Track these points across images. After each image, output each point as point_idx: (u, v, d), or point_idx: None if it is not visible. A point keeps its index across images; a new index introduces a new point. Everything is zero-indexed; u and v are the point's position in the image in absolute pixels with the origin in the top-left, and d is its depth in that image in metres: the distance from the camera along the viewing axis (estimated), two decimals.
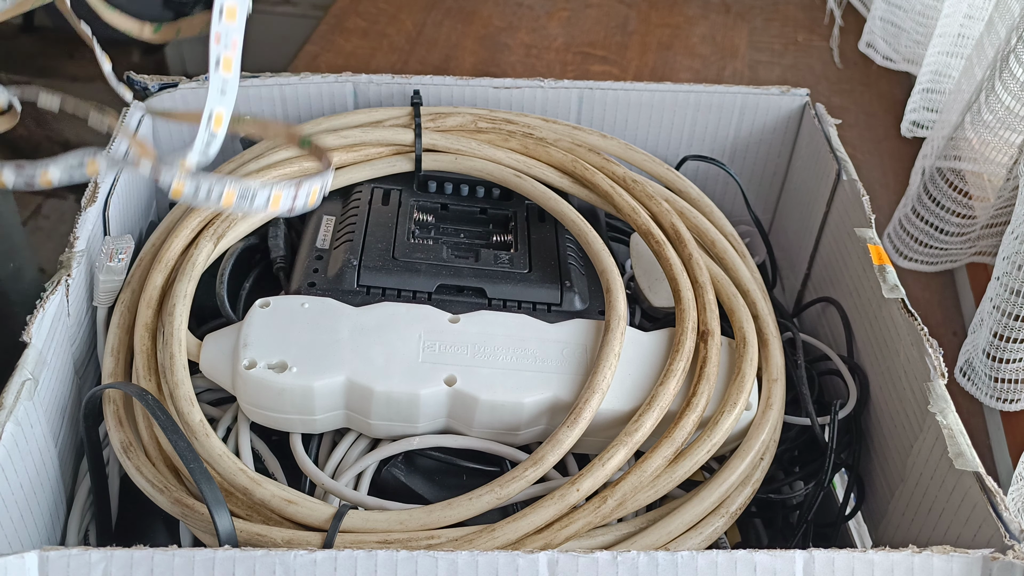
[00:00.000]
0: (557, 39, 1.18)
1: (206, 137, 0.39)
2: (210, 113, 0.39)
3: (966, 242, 0.83)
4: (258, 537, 0.42)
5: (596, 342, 0.51)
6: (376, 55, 1.13)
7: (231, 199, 0.40)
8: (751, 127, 0.69)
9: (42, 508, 0.46)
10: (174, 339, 0.48)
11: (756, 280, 0.57)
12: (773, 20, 1.25)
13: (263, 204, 0.41)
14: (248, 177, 0.56)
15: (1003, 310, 0.67)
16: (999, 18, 0.79)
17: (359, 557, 0.36)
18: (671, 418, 0.48)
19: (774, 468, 0.52)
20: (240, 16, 0.40)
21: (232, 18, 0.40)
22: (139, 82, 0.64)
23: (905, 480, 0.48)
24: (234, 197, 0.40)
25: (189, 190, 0.40)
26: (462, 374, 0.48)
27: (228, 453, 0.45)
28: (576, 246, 0.59)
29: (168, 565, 0.36)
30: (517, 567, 0.36)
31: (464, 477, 0.50)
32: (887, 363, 0.52)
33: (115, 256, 0.53)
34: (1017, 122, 0.74)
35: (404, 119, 0.62)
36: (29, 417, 0.44)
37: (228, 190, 0.40)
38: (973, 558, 0.38)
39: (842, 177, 0.60)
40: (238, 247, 0.57)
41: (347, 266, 0.53)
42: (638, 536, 0.45)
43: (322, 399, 0.47)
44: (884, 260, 0.54)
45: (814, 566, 0.37)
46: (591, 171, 0.59)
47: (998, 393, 0.70)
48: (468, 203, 0.61)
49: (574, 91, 0.67)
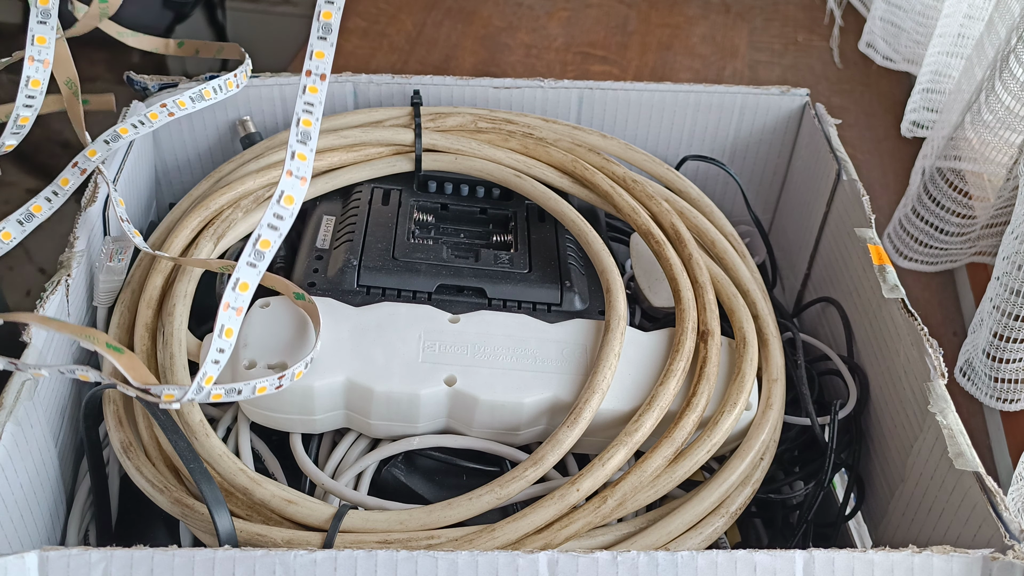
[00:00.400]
0: (557, 39, 1.18)
1: (195, 390, 0.43)
2: (203, 375, 0.42)
3: (966, 242, 0.83)
4: (258, 537, 0.42)
5: (596, 342, 0.51)
6: (376, 55, 1.13)
7: (219, 397, 0.43)
8: (751, 127, 0.69)
9: (42, 508, 0.46)
10: (174, 339, 0.48)
11: (756, 280, 0.57)
12: (773, 20, 1.25)
13: (250, 394, 0.44)
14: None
15: (1003, 310, 0.67)
16: (999, 18, 0.79)
17: (359, 557, 0.36)
18: (671, 418, 0.48)
19: (774, 468, 0.52)
20: (252, 288, 0.44)
21: (245, 289, 0.45)
22: (139, 82, 0.64)
23: (905, 480, 0.48)
24: (222, 396, 0.43)
25: (179, 397, 0.43)
26: (462, 374, 0.48)
27: (228, 453, 0.45)
28: (576, 246, 0.59)
29: (168, 565, 0.36)
30: (517, 567, 0.36)
31: (464, 477, 0.50)
32: (887, 363, 0.52)
33: (115, 256, 0.53)
34: (1017, 122, 0.74)
35: (404, 119, 0.62)
36: (29, 417, 0.44)
37: (215, 393, 0.43)
38: (973, 558, 0.38)
39: (842, 177, 0.60)
40: (238, 247, 0.57)
41: (347, 266, 0.53)
42: (638, 536, 0.45)
43: (322, 399, 0.47)
44: (884, 260, 0.54)
45: (814, 566, 0.37)
46: (591, 171, 0.59)
47: (998, 393, 0.70)
48: (468, 203, 0.61)
49: (574, 91, 0.67)
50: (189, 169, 0.68)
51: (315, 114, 0.45)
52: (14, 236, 0.50)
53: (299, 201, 0.45)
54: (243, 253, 0.44)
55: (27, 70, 0.52)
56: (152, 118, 0.55)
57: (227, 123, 0.66)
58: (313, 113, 0.45)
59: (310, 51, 0.44)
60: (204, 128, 0.66)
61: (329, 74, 0.45)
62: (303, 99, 0.45)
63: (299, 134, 0.44)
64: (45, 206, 0.51)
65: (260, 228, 0.45)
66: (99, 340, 0.42)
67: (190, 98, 0.56)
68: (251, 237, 0.45)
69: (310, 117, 0.45)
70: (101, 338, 0.42)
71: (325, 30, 0.44)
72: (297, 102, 0.45)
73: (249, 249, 0.44)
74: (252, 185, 0.56)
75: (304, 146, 0.45)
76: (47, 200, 0.51)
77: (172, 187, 0.68)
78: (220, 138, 0.66)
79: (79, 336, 0.42)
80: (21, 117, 0.52)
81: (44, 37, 0.51)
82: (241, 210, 0.56)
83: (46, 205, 0.51)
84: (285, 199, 0.44)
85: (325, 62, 0.44)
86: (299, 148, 0.44)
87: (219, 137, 0.66)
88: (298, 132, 0.44)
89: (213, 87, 0.57)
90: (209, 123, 0.66)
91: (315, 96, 0.45)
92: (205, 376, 0.42)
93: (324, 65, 0.44)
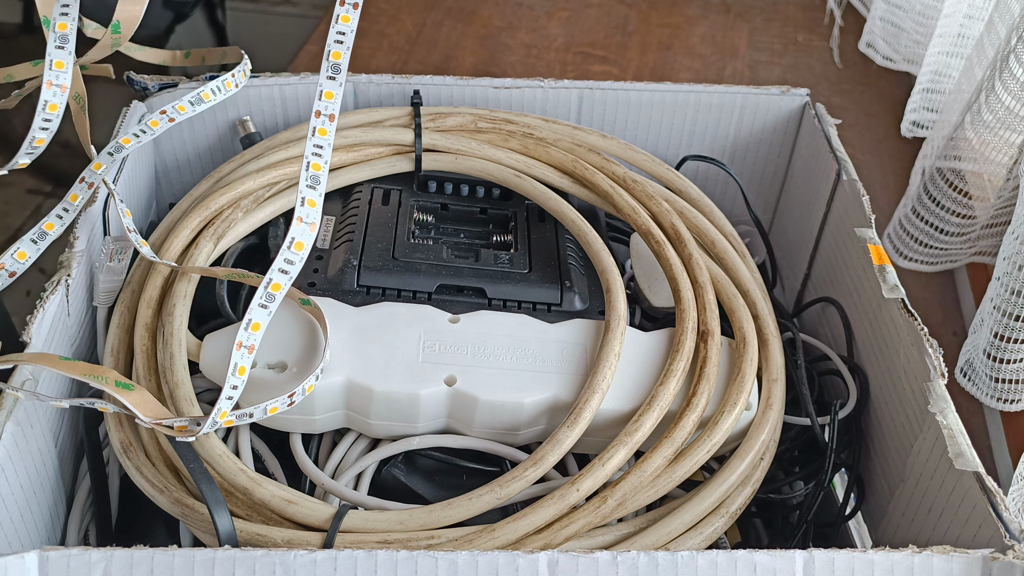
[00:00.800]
0: (557, 39, 1.18)
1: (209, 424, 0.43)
2: (218, 410, 0.43)
3: (966, 242, 0.83)
4: (258, 537, 0.42)
5: (596, 342, 0.51)
6: (376, 55, 1.13)
7: (231, 424, 0.44)
8: (751, 127, 0.69)
9: (42, 508, 0.46)
10: (174, 339, 0.48)
11: (756, 280, 0.57)
12: (773, 20, 1.25)
13: (261, 415, 0.44)
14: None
15: (1003, 310, 0.67)
16: (999, 18, 0.79)
17: (359, 557, 0.36)
18: (671, 418, 0.48)
19: (774, 468, 0.52)
20: (263, 328, 0.45)
21: (256, 328, 0.45)
22: (139, 82, 0.64)
23: (905, 480, 0.48)
24: (233, 422, 0.44)
25: (192, 427, 0.43)
26: (462, 374, 0.48)
27: (228, 453, 0.45)
28: (576, 246, 0.59)
29: (168, 565, 0.36)
30: (517, 567, 0.36)
31: (464, 477, 0.50)
32: (887, 363, 0.52)
33: (115, 256, 0.53)
34: (1017, 122, 0.74)
35: (404, 119, 0.62)
36: (29, 417, 0.44)
37: (228, 419, 0.44)
38: (973, 558, 0.38)
39: (842, 177, 0.60)
40: (238, 247, 0.57)
41: (347, 266, 0.53)
42: (638, 536, 0.45)
43: (322, 399, 0.47)
44: (884, 260, 0.54)
45: (814, 566, 0.37)
46: (591, 171, 0.59)
47: (998, 393, 0.70)
48: (468, 203, 0.61)
49: (574, 91, 0.67)
50: (189, 169, 0.68)
51: (324, 157, 0.45)
52: (29, 256, 0.51)
53: (308, 247, 0.46)
54: (255, 296, 0.45)
55: (45, 94, 0.52)
56: (153, 126, 0.56)
57: (227, 123, 0.66)
58: (322, 156, 0.45)
59: (319, 91, 0.44)
60: (204, 128, 0.66)
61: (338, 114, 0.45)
62: (313, 141, 0.45)
63: (309, 178, 0.45)
64: (57, 223, 0.52)
65: (271, 272, 0.45)
66: (108, 379, 0.43)
67: (189, 102, 0.56)
68: (263, 280, 0.45)
69: (319, 161, 0.45)
70: (110, 376, 0.43)
71: (334, 70, 0.44)
72: (307, 144, 0.45)
73: (261, 292, 0.45)
74: (252, 185, 0.56)
75: (314, 191, 0.45)
76: (58, 217, 0.52)
77: (172, 187, 0.68)
78: (220, 138, 0.66)
79: (87, 376, 0.43)
80: (37, 139, 0.52)
81: (62, 62, 0.52)
82: (241, 210, 0.56)
83: (58, 223, 0.52)
84: (295, 245, 0.45)
85: (334, 103, 0.45)
86: (308, 194, 0.45)
87: (219, 137, 0.66)
88: (308, 176, 0.45)
89: (211, 88, 0.57)
90: (209, 123, 0.66)
91: (324, 139, 0.45)
92: (220, 412, 0.43)
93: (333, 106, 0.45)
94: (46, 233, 0.51)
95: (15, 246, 0.50)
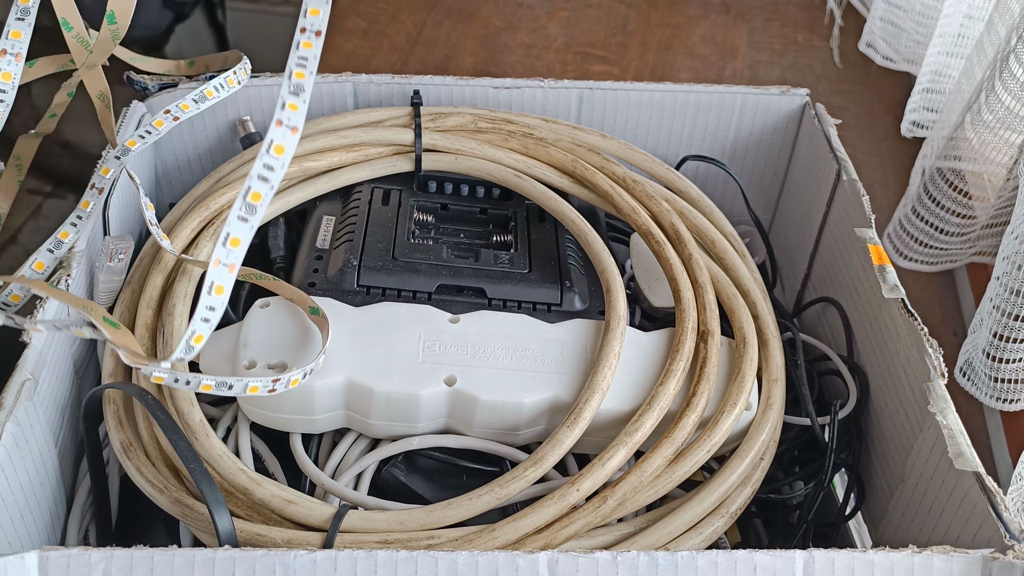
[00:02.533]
0: (557, 39, 1.18)
1: (184, 349, 0.42)
2: (192, 332, 0.41)
3: (966, 242, 0.83)
4: (258, 537, 0.42)
5: (596, 342, 0.51)
6: (376, 55, 1.13)
7: (208, 388, 0.43)
8: (751, 127, 0.69)
9: (42, 508, 0.46)
10: (174, 339, 0.48)
11: (756, 280, 0.57)
12: (773, 20, 1.25)
13: (241, 391, 0.43)
14: None
15: (1003, 310, 0.67)
16: (999, 18, 0.79)
17: (359, 557, 0.36)
18: (671, 418, 0.48)
19: (774, 468, 0.52)
20: (244, 244, 0.42)
21: (236, 244, 0.41)
22: (139, 82, 0.64)
23: (905, 480, 0.48)
24: (212, 388, 0.43)
25: (169, 380, 0.42)
26: (462, 374, 0.48)
27: (228, 453, 0.45)
28: (576, 246, 0.59)
29: (168, 565, 0.36)
30: (517, 567, 0.36)
31: (464, 477, 0.50)
32: (887, 363, 0.52)
33: (115, 256, 0.53)
34: (1017, 122, 0.74)
35: (404, 119, 0.62)
36: (29, 417, 0.44)
37: (205, 383, 0.42)
38: (973, 558, 0.38)
39: (842, 177, 0.60)
40: None
41: (347, 266, 0.53)
42: (638, 536, 0.45)
43: (322, 399, 0.47)
44: (884, 260, 0.54)
45: (814, 566, 0.37)
46: (591, 171, 0.59)
47: (998, 393, 0.70)
48: (468, 203, 0.61)
49: (574, 91, 0.67)
50: (189, 169, 0.68)
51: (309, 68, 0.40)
52: (47, 265, 0.51)
53: (290, 152, 0.42)
54: (233, 207, 0.41)
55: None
56: (158, 125, 0.56)
57: (227, 123, 0.66)
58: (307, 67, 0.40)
59: (304, 8, 0.42)
60: (204, 128, 0.66)
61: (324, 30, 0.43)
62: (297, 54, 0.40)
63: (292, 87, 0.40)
64: (71, 231, 0.52)
65: (250, 179, 0.41)
66: (96, 313, 0.42)
67: (193, 100, 0.56)
68: (242, 189, 0.41)
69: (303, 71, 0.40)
70: (99, 311, 0.42)
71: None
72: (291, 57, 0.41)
73: (239, 203, 0.41)
74: None
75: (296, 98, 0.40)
76: (72, 225, 0.53)
77: (172, 187, 0.68)
78: (220, 138, 0.67)
79: (78, 306, 0.42)
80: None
81: (19, 32, 0.51)
82: None
83: (72, 230, 0.52)
84: (275, 148, 0.41)
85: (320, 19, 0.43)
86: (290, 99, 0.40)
87: (219, 137, 0.66)
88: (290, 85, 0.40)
89: (215, 86, 0.57)
90: (209, 123, 0.66)
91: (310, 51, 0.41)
92: (194, 335, 0.41)
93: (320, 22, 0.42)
94: (61, 242, 0.52)
95: (33, 257, 0.51)
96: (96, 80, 0.55)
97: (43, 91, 0.59)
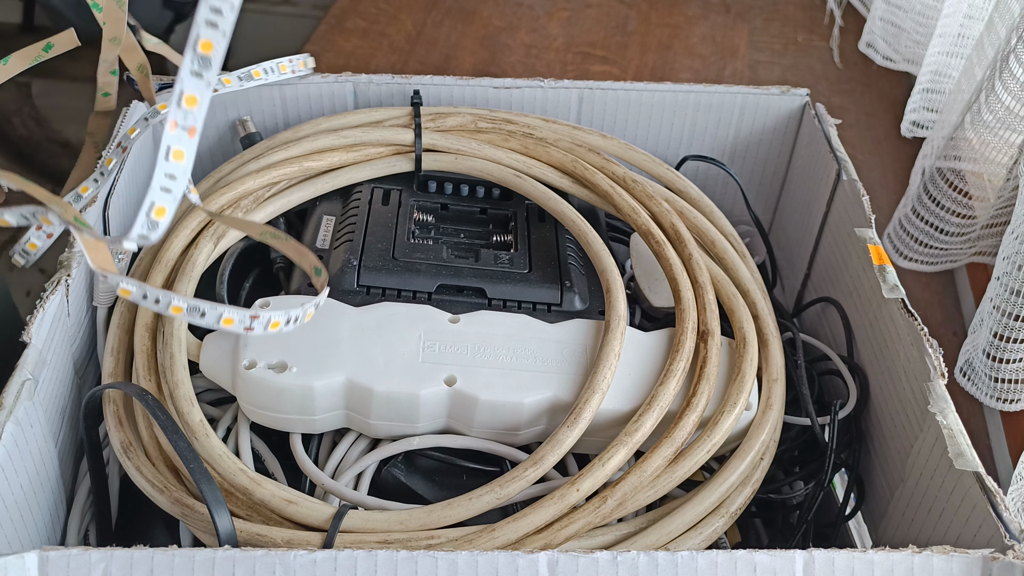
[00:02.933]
0: (557, 39, 1.18)
1: (145, 224, 0.37)
2: (150, 204, 0.37)
3: (966, 242, 0.83)
4: (258, 537, 0.42)
5: (596, 342, 0.51)
6: (376, 55, 1.13)
7: (179, 311, 0.39)
8: (751, 127, 0.69)
9: (42, 508, 0.46)
10: (174, 339, 0.48)
11: (756, 280, 0.57)
12: (773, 20, 1.25)
13: (213, 322, 0.40)
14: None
15: (1003, 310, 0.67)
16: (999, 18, 0.79)
17: (359, 557, 0.36)
18: (671, 418, 0.48)
19: (774, 468, 0.52)
20: (203, 103, 0.37)
21: (193, 104, 0.37)
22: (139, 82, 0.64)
23: (905, 480, 0.48)
24: (182, 311, 0.39)
25: (136, 295, 0.39)
26: (462, 374, 0.48)
27: (228, 453, 0.45)
28: (576, 246, 0.59)
29: (168, 565, 0.36)
30: (517, 567, 0.36)
31: (464, 477, 0.50)
32: (887, 363, 0.52)
33: (115, 256, 0.53)
34: (1017, 122, 0.74)
35: (404, 119, 0.62)
36: (29, 417, 0.44)
37: (175, 304, 0.39)
38: (973, 558, 0.38)
39: (842, 177, 0.60)
40: (238, 247, 0.57)
41: (347, 266, 0.53)
42: (638, 536, 0.45)
43: (322, 399, 0.47)
44: (884, 260, 0.54)
45: (814, 566, 0.37)
46: (591, 171, 0.59)
47: (998, 393, 0.70)
48: (468, 203, 0.61)
49: (574, 91, 0.67)
50: None
51: None
52: None
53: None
54: (183, 63, 0.36)
55: None
56: None
57: (227, 123, 0.66)
58: None
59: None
60: (204, 128, 0.65)
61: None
62: None
63: None
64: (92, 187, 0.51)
65: (196, 27, 0.35)
66: (68, 212, 0.41)
67: (238, 77, 0.55)
68: (189, 40, 0.36)
69: None
70: (71, 212, 0.41)
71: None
72: None
73: (189, 55, 0.36)
74: (252, 185, 0.56)
75: None
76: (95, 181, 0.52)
77: None
78: (220, 138, 0.66)
79: (50, 202, 0.40)
80: None
81: None
82: (241, 210, 0.56)
83: (93, 186, 0.51)
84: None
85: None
86: None
87: (219, 137, 0.66)
88: None
89: (264, 68, 0.55)
90: (209, 123, 0.66)
91: None
92: (154, 207, 0.37)
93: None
94: (80, 196, 0.50)
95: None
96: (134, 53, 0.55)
97: (43, 91, 0.59)
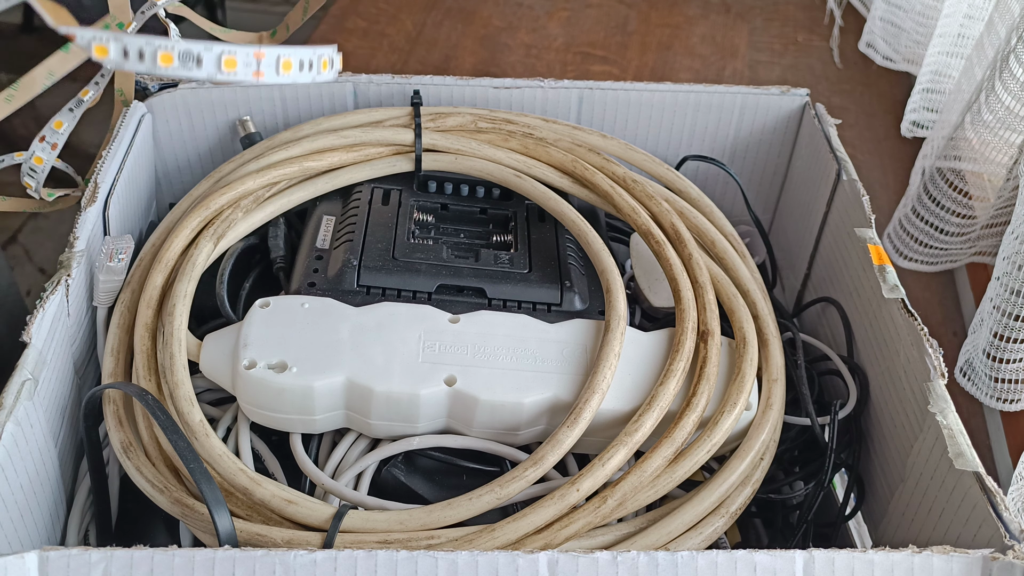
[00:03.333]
0: (557, 39, 1.18)
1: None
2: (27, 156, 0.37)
3: (966, 242, 0.83)
4: (258, 537, 0.42)
5: (596, 342, 0.51)
6: (376, 55, 1.13)
7: (169, 60, 0.33)
8: (751, 127, 0.69)
9: (42, 508, 0.46)
10: (174, 339, 0.48)
11: (756, 280, 0.57)
12: (773, 20, 1.25)
13: (213, 68, 0.34)
14: (247, 177, 0.56)
15: (1003, 310, 0.67)
16: (999, 18, 0.79)
17: (359, 557, 0.36)
18: (671, 418, 0.48)
19: (774, 468, 0.52)
20: None
21: None
22: (139, 82, 0.64)
23: (905, 480, 0.48)
24: (173, 59, 0.33)
25: (115, 53, 0.33)
26: (462, 374, 0.48)
27: (228, 453, 0.45)
28: (576, 246, 0.59)
29: (168, 565, 0.36)
30: (517, 567, 0.36)
31: (464, 477, 0.50)
32: (887, 363, 0.52)
33: (115, 256, 0.53)
34: (1017, 122, 0.74)
35: (404, 119, 0.62)
36: (29, 417, 0.44)
37: (163, 51, 0.33)
38: (973, 558, 0.38)
39: (842, 177, 0.60)
40: (238, 247, 0.57)
41: (347, 266, 0.53)
42: (638, 536, 0.45)
43: (322, 399, 0.47)
44: (884, 260, 0.54)
45: (814, 566, 0.37)
46: (591, 171, 0.59)
47: (998, 393, 0.70)
48: (468, 203, 0.61)
49: (574, 91, 0.67)
50: (189, 169, 0.68)
51: None
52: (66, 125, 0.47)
53: None
54: None
55: None
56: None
57: (227, 123, 0.66)
58: None
59: None
60: (204, 128, 0.66)
61: None
62: None
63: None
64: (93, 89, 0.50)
65: None
66: None
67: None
68: None
69: None
70: None
71: None
72: None
73: None
74: (252, 185, 0.56)
75: None
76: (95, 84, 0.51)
77: (172, 187, 0.68)
78: (220, 138, 0.67)
79: None
80: None
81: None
82: (241, 210, 0.56)
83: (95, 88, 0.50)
84: None
85: None
86: None
87: (219, 137, 0.66)
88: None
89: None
90: (209, 123, 0.66)
91: None
92: (33, 155, 0.36)
93: None
94: (82, 100, 0.49)
95: (54, 117, 0.48)
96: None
97: (43, 91, 0.59)
